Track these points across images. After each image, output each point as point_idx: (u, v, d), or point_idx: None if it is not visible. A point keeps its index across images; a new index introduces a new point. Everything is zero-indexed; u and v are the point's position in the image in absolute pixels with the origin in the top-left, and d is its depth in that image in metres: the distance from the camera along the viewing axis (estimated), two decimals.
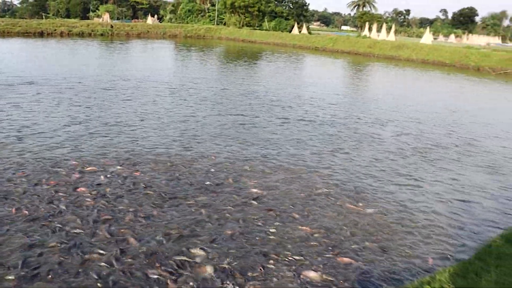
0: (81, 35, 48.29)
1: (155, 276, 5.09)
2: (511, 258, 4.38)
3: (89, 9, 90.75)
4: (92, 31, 50.53)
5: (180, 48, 41.38)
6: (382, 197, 8.00)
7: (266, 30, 70.49)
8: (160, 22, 75.27)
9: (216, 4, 75.19)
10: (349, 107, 16.81)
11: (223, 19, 75.90)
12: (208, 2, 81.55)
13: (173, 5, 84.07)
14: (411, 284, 5.00)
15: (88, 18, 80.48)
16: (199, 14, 77.56)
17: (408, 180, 9.04)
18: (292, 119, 13.64)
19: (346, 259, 5.74)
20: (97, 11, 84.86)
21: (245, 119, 13.07)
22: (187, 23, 72.56)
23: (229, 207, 7.06)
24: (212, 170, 8.64)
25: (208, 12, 78.10)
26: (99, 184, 7.55)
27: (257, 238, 6.13)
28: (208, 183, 7.98)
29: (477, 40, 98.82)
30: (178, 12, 79.19)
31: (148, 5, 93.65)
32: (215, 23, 74.04)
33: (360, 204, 7.60)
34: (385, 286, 5.23)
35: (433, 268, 5.66)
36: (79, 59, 27.61)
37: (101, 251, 5.50)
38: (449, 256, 6.04)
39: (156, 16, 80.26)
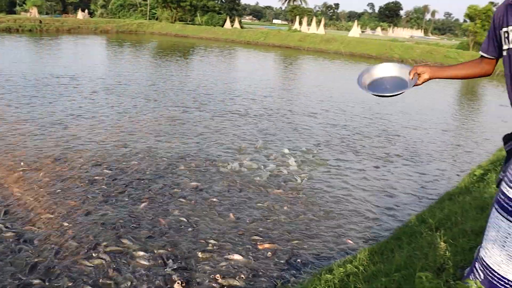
0: (8, 30, 46.36)
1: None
2: (421, 235, 4.84)
3: (16, 3, 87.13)
4: (20, 26, 48.51)
5: (113, 44, 40.69)
6: (308, 185, 8.45)
7: (198, 24, 70.24)
8: (91, 17, 73.39)
9: None
10: (281, 100, 17.31)
11: (155, 13, 74.97)
12: None
13: (104, 0, 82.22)
14: (335, 263, 5.39)
15: (14, 13, 77.24)
16: (131, 8, 76.23)
17: (332, 168, 9.56)
18: (225, 113, 13.93)
19: (268, 245, 6.06)
20: (24, 5, 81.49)
21: (180, 115, 13.23)
22: (119, 18, 71.12)
23: (167, 200, 7.30)
24: (146, 165, 8.80)
25: (140, 7, 76.92)
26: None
27: (189, 229, 6.41)
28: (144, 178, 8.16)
29: (402, 33, 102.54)
30: (110, 6, 77.48)
31: (78, 0, 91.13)
32: (148, 18, 73.02)
33: (287, 191, 8.00)
34: (310, 266, 5.64)
35: (356, 249, 6.12)
36: (8, 56, 26.71)
37: None
38: (370, 237, 6.55)
39: (87, 11, 78.08)
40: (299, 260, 5.80)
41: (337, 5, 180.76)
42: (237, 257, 5.71)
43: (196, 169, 8.81)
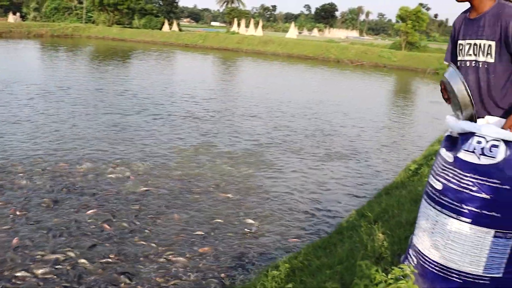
0: None
1: None
2: (360, 229, 5.10)
3: None
4: None
5: (48, 49, 39.47)
6: (250, 186, 8.63)
7: (136, 28, 69.21)
8: (24, 21, 70.77)
9: (84, 2, 72.26)
10: (222, 102, 17.45)
11: (92, 17, 73.20)
12: None
13: (37, 2, 79.31)
14: (280, 260, 5.57)
15: None
16: (66, 12, 74.12)
17: (273, 168, 9.78)
18: (166, 116, 13.91)
19: (208, 248, 6.12)
20: None
21: (121, 120, 13.11)
22: (53, 21, 68.94)
23: (112, 206, 7.30)
24: (88, 171, 8.73)
25: (76, 10, 74.91)
26: None
27: (135, 234, 6.45)
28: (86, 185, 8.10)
29: (338, 33, 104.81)
30: (43, 10, 74.99)
31: (9, 2, 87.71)
32: (84, 21, 71.22)
33: (228, 195, 8.14)
34: (256, 265, 5.80)
35: (300, 246, 6.33)
36: None
37: None
38: (313, 234, 6.79)
39: (18, 14, 75.20)
40: (245, 260, 5.92)
41: (274, 6, 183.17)
42: (182, 259, 5.79)
43: (142, 174, 8.83)
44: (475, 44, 2.66)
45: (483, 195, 2.39)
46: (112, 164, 9.27)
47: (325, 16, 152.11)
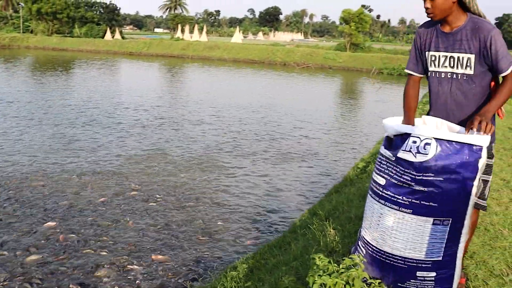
0: None
1: None
2: (313, 226, 5.34)
3: None
4: None
5: None
6: (201, 192, 8.79)
7: (77, 37, 67.92)
8: None
9: (21, 11, 70.33)
10: (169, 109, 17.48)
11: (30, 26, 71.40)
12: (10, 8, 76.28)
13: None
14: (238, 261, 5.75)
15: None
16: (2, 21, 72.09)
17: (224, 174, 9.97)
18: (114, 125, 13.85)
19: (162, 257, 6.18)
20: None
21: (68, 131, 12.96)
22: None
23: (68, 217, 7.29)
24: (38, 185, 8.68)
25: (12, 20, 73.00)
26: None
27: (92, 244, 6.49)
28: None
29: (283, 36, 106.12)
30: None
31: None
32: (21, 31, 69.34)
33: (183, 201, 8.27)
34: (215, 269, 5.96)
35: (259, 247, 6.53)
36: None
37: None
38: (268, 235, 7.00)
39: None
40: (203, 265, 6.03)
41: (218, 11, 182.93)
42: (138, 267, 5.85)
43: (96, 184, 8.83)
44: (451, 57, 2.87)
45: (421, 188, 2.65)
46: (66, 176, 9.24)
47: (270, 19, 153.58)
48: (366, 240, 2.95)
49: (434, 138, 2.65)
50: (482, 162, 2.64)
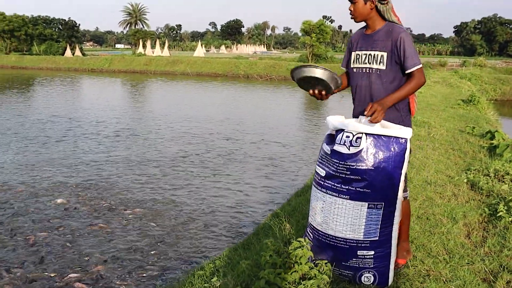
0: None
1: None
2: (276, 227, 5.71)
3: None
4: None
5: None
6: (167, 202, 9.06)
7: (36, 54, 67.20)
8: None
9: None
10: (135, 123, 17.68)
11: None
12: None
13: None
14: (205, 262, 6.06)
15: None
16: None
17: (189, 185, 10.27)
18: (76, 140, 14.00)
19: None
20: None
21: (36, 149, 13.04)
22: None
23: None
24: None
25: None
26: None
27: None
28: None
29: (246, 49, 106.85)
30: None
31: None
32: None
33: (147, 209, 8.55)
34: (184, 267, 6.27)
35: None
36: None
37: None
38: (234, 239, 7.34)
39: None
40: (169, 271, 6.32)
41: (179, 26, 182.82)
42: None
43: (71, 197, 9.02)
44: (369, 54, 3.37)
45: (355, 177, 3.05)
46: (37, 190, 9.40)
47: (232, 32, 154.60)
48: (313, 226, 3.35)
49: (365, 133, 3.07)
50: (408, 152, 3.08)
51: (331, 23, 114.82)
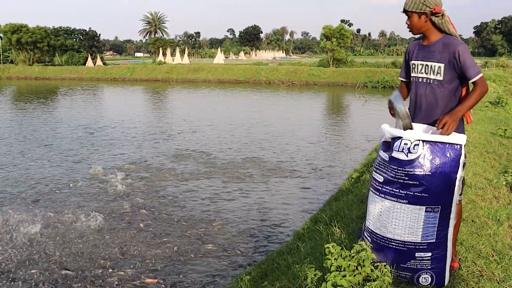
0: None
1: None
2: (318, 229, 5.84)
3: None
4: None
5: None
6: (194, 210, 9.21)
7: (59, 65, 68.04)
8: None
9: (0, 41, 70.31)
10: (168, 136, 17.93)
11: (9, 56, 71.39)
12: None
13: None
14: (249, 269, 6.21)
15: None
16: None
17: (220, 189, 10.44)
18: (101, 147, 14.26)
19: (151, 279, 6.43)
20: None
21: (70, 157, 13.30)
22: None
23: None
24: None
25: None
26: None
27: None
28: None
29: (265, 55, 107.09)
30: None
31: None
32: (1, 61, 69.30)
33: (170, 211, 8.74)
34: (225, 275, 6.43)
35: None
36: None
37: None
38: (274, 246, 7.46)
39: None
40: (212, 277, 6.42)
41: (197, 33, 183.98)
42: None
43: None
44: (426, 64, 3.55)
45: (413, 182, 3.22)
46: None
47: (250, 38, 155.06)
48: (371, 230, 3.51)
49: (421, 140, 3.25)
50: (463, 158, 3.24)
51: (349, 26, 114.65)
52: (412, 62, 3.67)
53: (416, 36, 3.76)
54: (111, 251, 7.17)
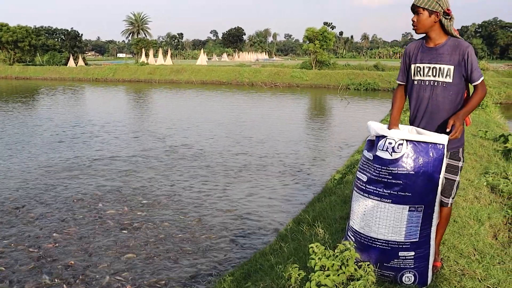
0: None
1: None
2: (301, 230, 5.86)
3: None
4: None
5: None
6: (180, 209, 9.20)
7: (40, 65, 67.32)
8: None
9: None
10: (151, 137, 17.83)
11: None
12: None
13: None
14: (234, 269, 6.19)
15: None
16: None
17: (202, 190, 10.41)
18: (82, 156, 14.14)
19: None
20: None
21: (55, 163, 13.16)
22: None
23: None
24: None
25: None
26: None
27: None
28: None
29: (248, 57, 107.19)
30: None
31: None
32: None
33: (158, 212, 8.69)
34: (209, 278, 6.40)
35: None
36: None
37: None
38: (258, 246, 7.45)
39: None
40: (196, 278, 6.38)
41: (180, 34, 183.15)
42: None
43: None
44: (434, 67, 3.48)
45: (397, 181, 3.23)
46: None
47: (233, 40, 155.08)
48: (355, 229, 3.52)
49: (405, 140, 3.27)
50: (445, 158, 3.26)
51: (332, 29, 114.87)
52: (417, 65, 3.59)
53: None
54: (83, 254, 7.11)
